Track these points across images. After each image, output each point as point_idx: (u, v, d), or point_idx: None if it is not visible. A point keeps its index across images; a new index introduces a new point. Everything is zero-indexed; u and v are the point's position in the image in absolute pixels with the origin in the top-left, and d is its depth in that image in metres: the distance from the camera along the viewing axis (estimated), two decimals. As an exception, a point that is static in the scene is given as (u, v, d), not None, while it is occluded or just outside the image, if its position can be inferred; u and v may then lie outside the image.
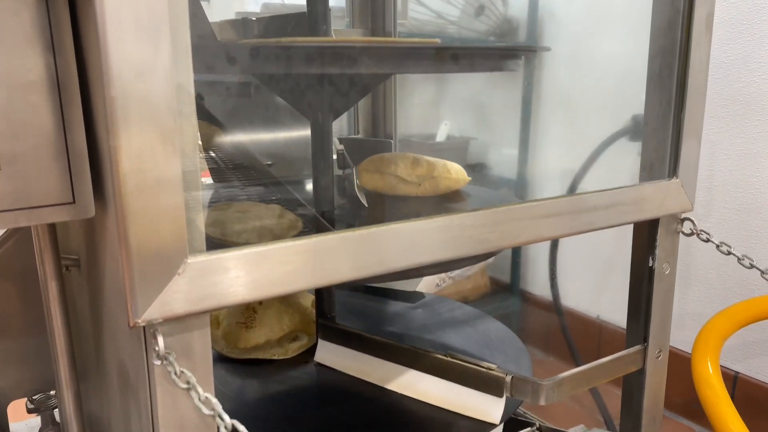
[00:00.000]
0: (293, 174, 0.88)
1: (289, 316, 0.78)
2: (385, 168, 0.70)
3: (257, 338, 0.75)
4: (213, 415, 0.34)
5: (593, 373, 0.62)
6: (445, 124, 1.64)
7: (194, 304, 0.38)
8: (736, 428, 0.70)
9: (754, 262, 0.60)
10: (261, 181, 0.83)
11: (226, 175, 0.82)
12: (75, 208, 0.44)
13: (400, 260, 0.46)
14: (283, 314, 0.78)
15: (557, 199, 0.53)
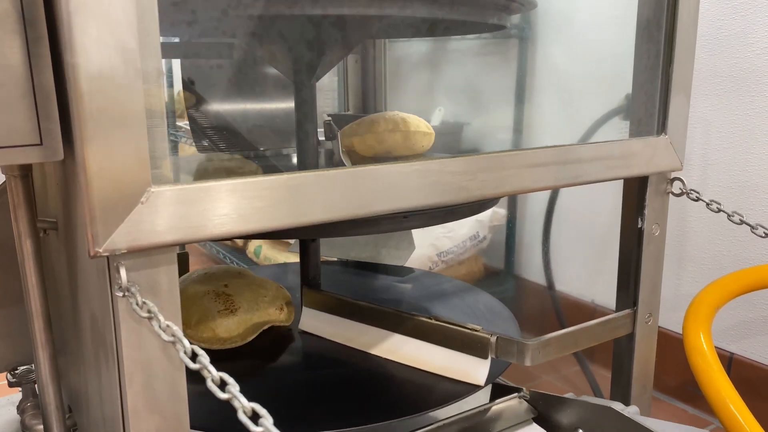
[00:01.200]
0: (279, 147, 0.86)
1: (263, 290, 0.75)
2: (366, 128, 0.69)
3: (245, 320, 0.72)
4: (173, 341, 0.33)
5: (580, 335, 0.61)
6: (439, 109, 1.63)
7: (159, 235, 0.37)
8: (730, 397, 0.68)
9: (743, 217, 0.59)
10: (245, 153, 0.82)
11: (210, 148, 0.81)
12: (42, 150, 0.42)
13: (378, 203, 0.44)
14: (257, 288, 0.75)
15: (543, 148, 0.52)
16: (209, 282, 0.71)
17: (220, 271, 0.74)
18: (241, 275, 0.73)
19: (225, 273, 0.73)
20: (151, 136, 0.36)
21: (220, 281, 0.70)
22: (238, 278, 0.72)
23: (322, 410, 0.58)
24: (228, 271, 0.74)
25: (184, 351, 0.32)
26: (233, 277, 0.72)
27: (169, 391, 0.40)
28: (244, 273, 0.75)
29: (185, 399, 0.40)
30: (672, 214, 1.19)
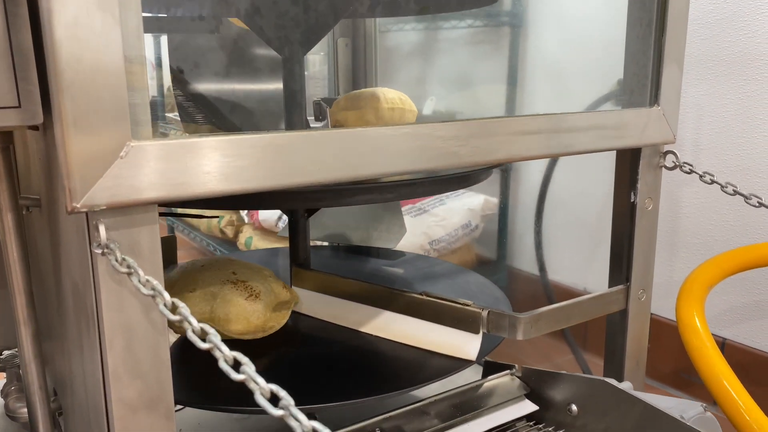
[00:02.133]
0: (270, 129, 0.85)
1: (265, 272, 0.73)
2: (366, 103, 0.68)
3: (270, 303, 0.66)
4: (153, 295, 0.32)
5: (572, 310, 0.60)
6: (431, 99, 1.62)
7: (140, 192, 0.36)
8: (723, 374, 0.68)
9: (737, 188, 0.58)
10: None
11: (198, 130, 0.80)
12: (21, 113, 0.41)
13: (365, 166, 0.43)
14: (259, 271, 0.73)
15: (535, 116, 0.51)
16: (216, 271, 0.66)
17: (213, 260, 0.71)
18: (234, 262, 0.70)
19: (221, 262, 0.69)
20: (131, 88, 0.35)
21: (224, 269, 0.66)
22: (237, 265, 0.69)
23: (312, 387, 0.57)
24: (221, 260, 0.71)
25: (164, 304, 0.31)
26: (230, 264, 0.68)
27: (151, 356, 0.39)
28: (235, 260, 0.73)
29: (168, 364, 0.39)
30: (664, 200, 1.18)
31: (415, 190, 0.54)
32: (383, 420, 0.55)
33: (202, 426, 0.77)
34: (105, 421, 0.40)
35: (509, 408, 0.59)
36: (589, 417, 0.57)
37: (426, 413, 0.56)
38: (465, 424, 0.57)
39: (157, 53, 2.01)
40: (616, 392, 0.54)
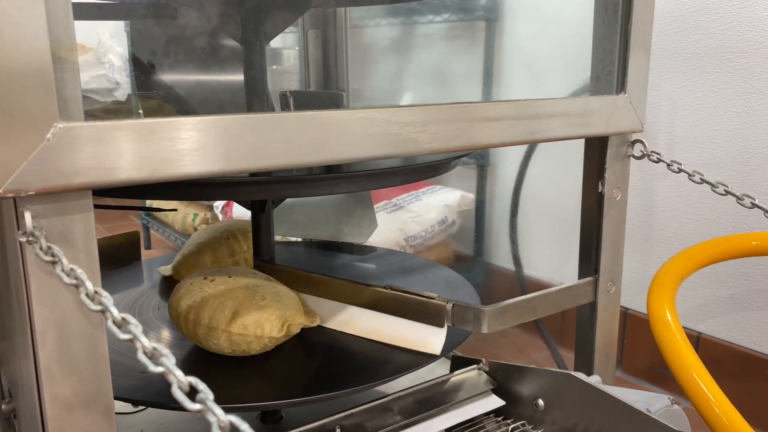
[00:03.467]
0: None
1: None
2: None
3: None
4: (76, 284, 0.30)
5: (540, 302, 0.59)
6: (407, 94, 1.61)
7: (69, 177, 0.34)
8: (693, 366, 0.67)
9: (704, 176, 0.57)
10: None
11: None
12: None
13: (317, 153, 0.41)
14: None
15: (496, 102, 0.50)
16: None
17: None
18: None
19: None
20: (59, 65, 0.32)
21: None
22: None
23: (273, 384, 0.55)
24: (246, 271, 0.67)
25: (86, 293, 0.29)
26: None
27: (87, 351, 0.37)
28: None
29: (106, 360, 0.37)
30: (638, 194, 1.18)
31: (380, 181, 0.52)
32: (344, 417, 0.53)
33: (164, 426, 0.75)
34: (40, 421, 0.38)
35: (475, 403, 0.58)
36: (556, 411, 0.55)
37: (389, 410, 0.55)
38: (429, 420, 0.55)
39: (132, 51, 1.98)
40: (583, 386, 0.53)
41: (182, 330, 0.59)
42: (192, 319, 0.57)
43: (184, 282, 0.61)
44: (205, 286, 0.59)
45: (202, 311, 0.57)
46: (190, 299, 0.58)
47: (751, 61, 0.99)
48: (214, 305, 0.57)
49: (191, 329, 0.57)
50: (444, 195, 1.42)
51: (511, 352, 1.30)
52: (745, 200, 0.59)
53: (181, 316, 0.58)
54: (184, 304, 0.58)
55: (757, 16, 0.98)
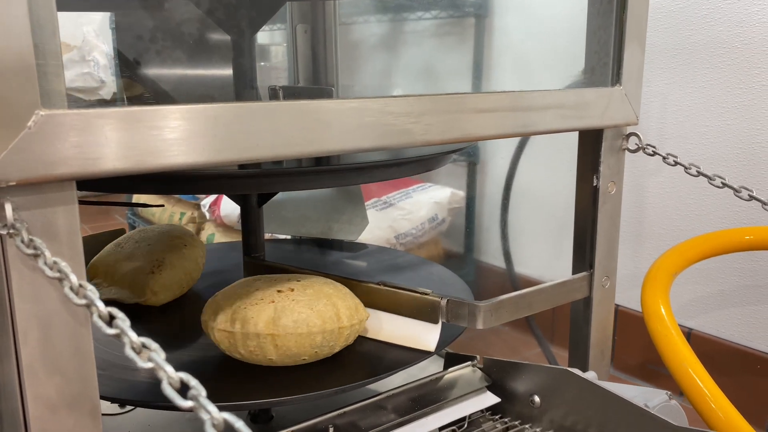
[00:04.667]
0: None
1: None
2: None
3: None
4: (60, 278, 0.29)
5: (534, 297, 0.58)
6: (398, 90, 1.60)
7: (52, 167, 0.32)
8: (688, 361, 0.66)
9: (700, 168, 0.57)
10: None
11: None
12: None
13: (308, 143, 0.40)
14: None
15: (491, 93, 0.49)
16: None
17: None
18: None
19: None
20: (40, 49, 0.31)
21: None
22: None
23: (265, 383, 0.54)
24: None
25: (70, 287, 0.28)
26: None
27: (71, 350, 0.35)
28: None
29: (92, 358, 0.36)
30: (629, 191, 1.17)
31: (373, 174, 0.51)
32: (337, 416, 0.52)
33: (152, 427, 0.73)
34: (22, 422, 0.36)
35: (470, 400, 0.57)
36: (552, 408, 0.55)
37: (383, 408, 0.53)
38: (424, 418, 0.54)
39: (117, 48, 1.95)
40: (579, 382, 0.52)
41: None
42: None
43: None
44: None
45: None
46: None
47: (740, 57, 0.99)
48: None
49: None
50: (434, 192, 1.41)
51: (503, 350, 1.30)
52: (742, 192, 0.58)
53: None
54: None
55: (746, 12, 0.98)
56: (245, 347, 0.53)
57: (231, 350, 0.54)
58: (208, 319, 0.55)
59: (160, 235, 0.72)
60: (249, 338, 0.53)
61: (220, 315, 0.54)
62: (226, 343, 0.54)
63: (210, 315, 0.55)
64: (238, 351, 0.54)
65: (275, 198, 0.92)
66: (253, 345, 0.53)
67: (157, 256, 0.67)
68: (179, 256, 0.69)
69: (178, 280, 0.68)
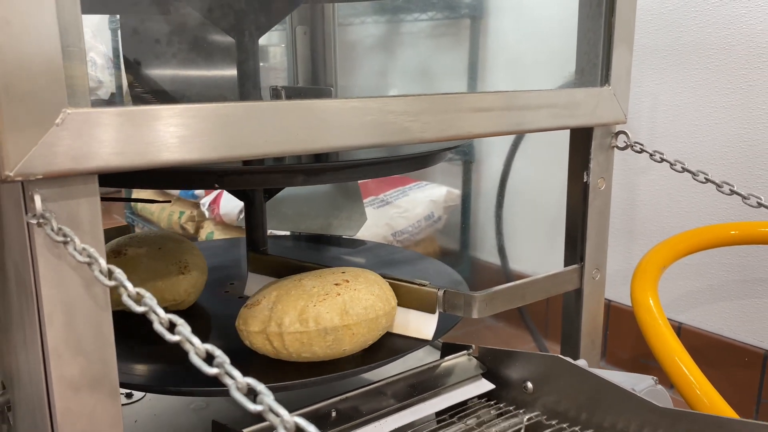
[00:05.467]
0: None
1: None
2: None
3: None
4: (90, 262, 0.31)
5: (527, 288, 0.61)
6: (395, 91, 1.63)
7: (77, 161, 0.35)
8: (676, 351, 0.69)
9: (685, 165, 0.59)
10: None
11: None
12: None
13: (313, 140, 0.43)
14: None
15: (486, 93, 0.51)
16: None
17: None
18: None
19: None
20: (68, 53, 0.34)
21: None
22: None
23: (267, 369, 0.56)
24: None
25: (99, 270, 0.30)
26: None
27: (93, 332, 0.38)
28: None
29: (112, 341, 0.38)
30: (620, 188, 1.20)
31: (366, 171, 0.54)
32: (339, 401, 0.54)
33: (158, 416, 0.75)
34: (46, 402, 0.38)
35: (466, 387, 0.59)
36: (544, 393, 0.57)
37: (382, 393, 0.56)
38: (421, 403, 0.57)
39: (116, 49, 1.98)
40: (570, 368, 0.54)
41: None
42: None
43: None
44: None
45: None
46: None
47: (728, 58, 1.02)
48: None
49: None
50: (430, 191, 1.43)
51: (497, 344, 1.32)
52: (724, 187, 0.61)
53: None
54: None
55: (733, 14, 1.01)
56: (323, 342, 0.54)
57: (293, 351, 0.55)
58: (258, 327, 0.55)
59: (161, 239, 0.73)
60: (328, 333, 0.54)
61: (285, 318, 0.54)
62: (296, 345, 0.54)
63: (261, 322, 0.55)
64: (311, 350, 0.54)
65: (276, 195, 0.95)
66: (330, 339, 0.54)
67: (178, 257, 0.67)
68: (196, 257, 0.69)
69: (202, 281, 0.69)
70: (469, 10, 1.39)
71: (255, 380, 0.26)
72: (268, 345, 0.55)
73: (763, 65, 0.98)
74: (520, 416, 0.58)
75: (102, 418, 0.39)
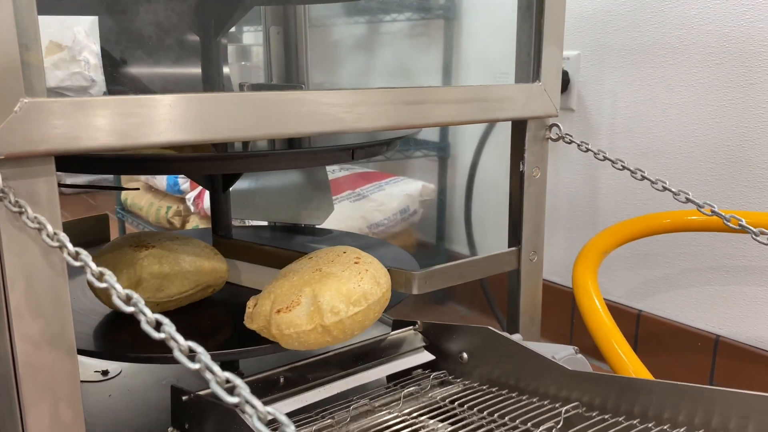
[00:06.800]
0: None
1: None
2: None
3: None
4: (39, 228, 0.36)
5: (466, 267, 0.66)
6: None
7: (34, 144, 0.40)
8: (610, 330, 0.74)
9: (606, 154, 0.65)
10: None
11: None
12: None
13: (252, 128, 0.48)
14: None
15: (417, 88, 0.56)
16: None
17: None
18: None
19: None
20: (24, 50, 0.39)
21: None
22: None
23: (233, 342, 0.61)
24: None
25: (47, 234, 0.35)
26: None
27: (51, 296, 0.43)
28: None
29: (68, 304, 0.44)
30: (583, 182, 1.26)
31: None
32: (288, 369, 0.60)
33: (131, 392, 0.81)
34: (11, 358, 0.44)
35: (408, 358, 0.65)
36: (477, 362, 0.62)
37: (329, 363, 0.61)
38: (365, 371, 0.62)
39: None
40: (497, 338, 0.60)
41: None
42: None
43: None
44: None
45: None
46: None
47: (681, 57, 1.07)
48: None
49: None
50: (406, 185, 1.49)
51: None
52: (657, 183, 0.66)
53: None
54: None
55: (685, 15, 1.06)
56: (337, 329, 0.55)
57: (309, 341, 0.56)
58: (310, 326, 0.55)
59: (169, 234, 0.73)
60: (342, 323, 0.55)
61: (338, 305, 0.55)
62: (356, 326, 0.56)
63: (310, 319, 0.55)
64: (325, 340, 0.55)
65: (248, 187, 1.00)
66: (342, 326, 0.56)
67: (201, 244, 0.69)
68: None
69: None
70: (443, 10, 1.45)
71: (195, 343, 0.31)
72: (325, 337, 0.54)
73: (712, 64, 1.03)
74: (458, 384, 0.63)
75: (60, 373, 0.44)
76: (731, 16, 1.00)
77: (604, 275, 1.23)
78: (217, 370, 0.33)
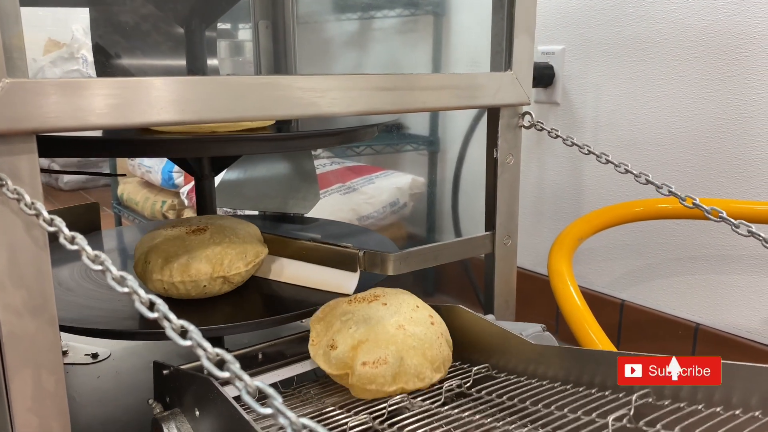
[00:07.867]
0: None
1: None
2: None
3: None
4: (18, 199, 0.39)
5: (440, 250, 0.68)
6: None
7: (16, 122, 0.42)
8: (583, 314, 0.77)
9: (591, 147, 0.67)
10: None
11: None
12: None
13: (227, 110, 0.50)
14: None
15: (391, 74, 0.59)
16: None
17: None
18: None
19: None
20: (6, 35, 0.41)
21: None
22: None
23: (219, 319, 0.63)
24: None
25: (24, 203, 0.37)
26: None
27: (33, 269, 0.45)
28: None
29: (50, 276, 0.46)
30: (568, 174, 1.28)
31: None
32: (266, 346, 0.62)
33: (119, 374, 0.83)
34: (-5, 327, 0.46)
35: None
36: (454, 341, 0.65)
37: (305, 340, 0.63)
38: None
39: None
40: (466, 315, 0.62)
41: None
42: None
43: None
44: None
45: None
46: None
47: (661, 51, 1.10)
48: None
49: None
50: (396, 179, 1.51)
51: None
52: (641, 177, 0.67)
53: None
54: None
55: (665, 9, 1.08)
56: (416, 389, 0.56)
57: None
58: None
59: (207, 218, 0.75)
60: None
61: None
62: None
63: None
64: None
65: (237, 177, 1.02)
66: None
67: (240, 226, 0.73)
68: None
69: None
70: (432, 6, 1.47)
71: (186, 322, 0.33)
72: (397, 392, 0.55)
73: (691, 57, 1.06)
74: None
75: (42, 342, 0.46)
76: (710, 10, 1.03)
77: (588, 266, 1.26)
78: (208, 346, 0.35)
